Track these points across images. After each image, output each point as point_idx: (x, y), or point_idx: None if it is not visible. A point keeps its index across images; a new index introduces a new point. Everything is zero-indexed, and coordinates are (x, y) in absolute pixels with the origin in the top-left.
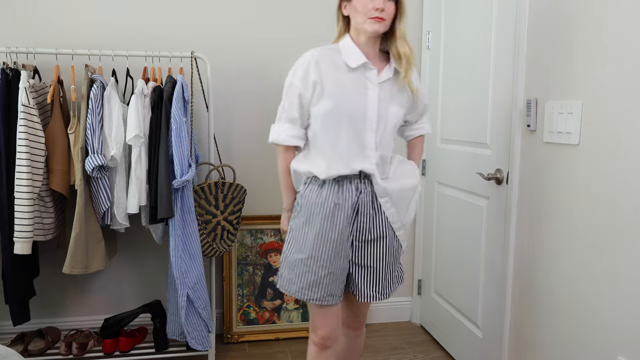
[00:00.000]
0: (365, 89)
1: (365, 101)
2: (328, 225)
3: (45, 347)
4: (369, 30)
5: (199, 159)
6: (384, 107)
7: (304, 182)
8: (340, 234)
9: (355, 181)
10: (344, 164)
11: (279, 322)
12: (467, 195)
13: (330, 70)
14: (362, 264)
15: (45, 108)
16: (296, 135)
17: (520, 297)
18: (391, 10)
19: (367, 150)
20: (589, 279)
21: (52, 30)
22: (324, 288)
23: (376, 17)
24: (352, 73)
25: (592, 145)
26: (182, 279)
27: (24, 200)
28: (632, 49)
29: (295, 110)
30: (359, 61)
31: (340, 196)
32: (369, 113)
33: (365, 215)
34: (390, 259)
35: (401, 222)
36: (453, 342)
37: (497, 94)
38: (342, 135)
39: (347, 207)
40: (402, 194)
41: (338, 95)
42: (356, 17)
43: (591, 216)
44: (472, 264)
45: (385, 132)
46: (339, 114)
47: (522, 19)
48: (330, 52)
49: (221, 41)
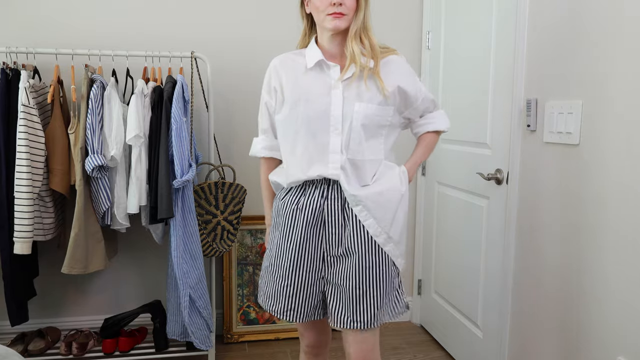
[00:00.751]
0: (329, 89)
1: (329, 100)
2: (287, 232)
3: (45, 347)
4: (329, 27)
5: (199, 159)
6: (348, 105)
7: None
8: (300, 242)
9: (321, 187)
10: (300, 170)
11: (279, 322)
12: (467, 195)
13: (291, 74)
14: (331, 282)
15: (45, 108)
16: (268, 146)
17: (520, 297)
18: (351, 4)
19: (330, 154)
20: (588, 278)
21: (52, 30)
22: (283, 301)
23: (334, 12)
24: (312, 73)
25: (592, 145)
26: (183, 279)
27: (23, 200)
28: (632, 49)
29: (265, 121)
30: (314, 59)
31: (301, 200)
32: (333, 113)
33: (332, 224)
34: (364, 280)
35: (387, 235)
36: (453, 342)
37: (497, 94)
38: (299, 139)
39: (307, 212)
40: (380, 201)
41: (295, 98)
42: (316, 14)
43: (591, 216)
44: (472, 263)
45: (353, 133)
46: (295, 118)
47: (522, 19)
48: (293, 57)
49: (221, 41)
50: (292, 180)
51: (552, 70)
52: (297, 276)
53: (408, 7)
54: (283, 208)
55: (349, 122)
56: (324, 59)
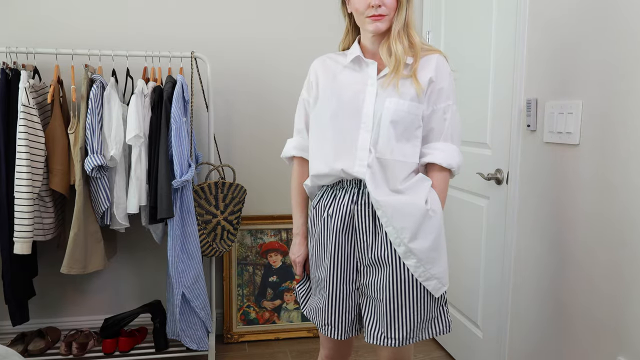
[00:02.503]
0: (365, 85)
1: (363, 97)
2: (321, 243)
3: (45, 347)
4: (370, 29)
5: (199, 159)
6: (380, 101)
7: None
8: (334, 252)
9: (351, 190)
10: (324, 163)
11: (279, 322)
12: (467, 195)
13: (329, 71)
14: (366, 293)
15: (45, 108)
16: (300, 146)
17: (520, 298)
18: (392, 4)
19: (358, 151)
20: (588, 278)
21: (52, 30)
22: (322, 315)
23: (373, 15)
24: (349, 70)
25: (592, 145)
26: (178, 278)
27: (23, 200)
28: (632, 49)
29: (301, 120)
30: (352, 56)
31: (332, 207)
32: (365, 109)
33: (363, 231)
34: (399, 295)
35: (406, 247)
36: (453, 342)
37: (497, 94)
38: (328, 133)
39: (338, 219)
40: (401, 210)
41: (329, 93)
42: (357, 16)
43: (591, 216)
44: (472, 264)
45: (382, 130)
46: (326, 112)
47: (522, 19)
48: (335, 56)
49: (221, 41)
50: (314, 173)
51: (552, 70)
52: (334, 289)
53: None
54: (316, 216)
55: (379, 119)
56: (361, 55)
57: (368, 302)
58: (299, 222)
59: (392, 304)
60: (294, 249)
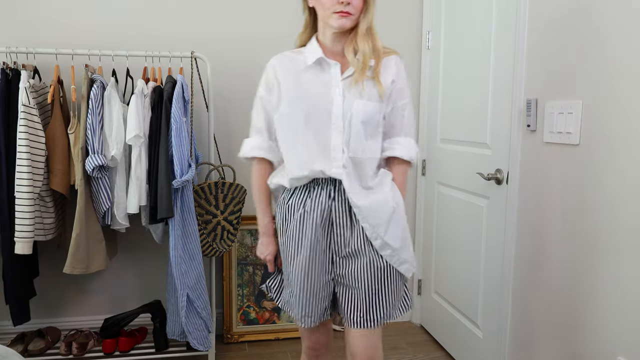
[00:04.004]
0: (329, 86)
1: (331, 98)
2: (297, 238)
3: (45, 347)
4: (335, 25)
5: (199, 159)
6: (348, 103)
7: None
8: (312, 246)
9: (327, 187)
10: (302, 165)
11: (279, 322)
12: (467, 195)
13: (290, 72)
14: (343, 283)
15: (45, 108)
16: (259, 146)
17: (520, 297)
18: (358, 3)
19: (332, 152)
20: (588, 278)
21: (52, 30)
22: (299, 306)
23: (341, 11)
24: (312, 70)
25: (592, 145)
26: (181, 279)
27: (24, 200)
28: (632, 49)
29: (261, 119)
30: (314, 57)
31: (308, 203)
32: (334, 110)
33: (340, 226)
34: (377, 280)
35: (382, 240)
36: (453, 342)
37: (497, 94)
38: (300, 136)
39: (315, 215)
40: (376, 209)
41: (294, 95)
42: (321, 10)
43: (591, 216)
44: (472, 264)
45: (352, 130)
46: (295, 115)
47: (522, 19)
48: (292, 55)
49: (221, 41)
50: (293, 176)
51: (552, 70)
52: (309, 282)
53: (408, 7)
54: (290, 213)
55: (349, 120)
56: (324, 57)
57: (346, 291)
58: (265, 221)
59: (371, 289)
60: (262, 249)
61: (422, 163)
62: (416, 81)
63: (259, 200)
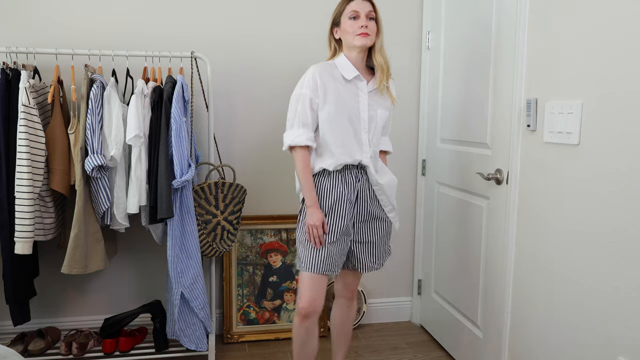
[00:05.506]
0: (358, 97)
1: (359, 106)
2: (337, 208)
3: (45, 347)
4: (358, 44)
5: (199, 159)
6: (373, 110)
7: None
8: (346, 215)
9: (354, 172)
10: (349, 156)
11: (279, 322)
12: (467, 195)
13: (330, 81)
14: (362, 241)
15: (45, 108)
16: (311, 137)
17: (520, 297)
18: (373, 27)
19: (364, 146)
20: (588, 278)
21: (52, 30)
22: (331, 261)
23: (362, 33)
24: (347, 84)
25: (592, 145)
26: (177, 278)
27: (24, 200)
28: (633, 49)
29: (308, 116)
30: (353, 74)
31: (344, 183)
32: (362, 116)
33: (364, 200)
34: (385, 236)
35: (392, 205)
36: (453, 342)
37: (497, 94)
38: (344, 133)
39: (349, 193)
40: (389, 184)
41: (338, 101)
42: (346, 37)
43: (591, 216)
44: (472, 264)
45: (376, 131)
46: (341, 116)
47: (522, 19)
48: (328, 67)
49: (221, 41)
50: (340, 162)
51: (552, 70)
52: (342, 242)
53: (408, 7)
54: (329, 190)
55: (374, 124)
56: (359, 74)
57: (362, 247)
58: (313, 194)
59: (381, 242)
60: (315, 216)
61: (422, 163)
62: (416, 81)
63: (307, 180)
